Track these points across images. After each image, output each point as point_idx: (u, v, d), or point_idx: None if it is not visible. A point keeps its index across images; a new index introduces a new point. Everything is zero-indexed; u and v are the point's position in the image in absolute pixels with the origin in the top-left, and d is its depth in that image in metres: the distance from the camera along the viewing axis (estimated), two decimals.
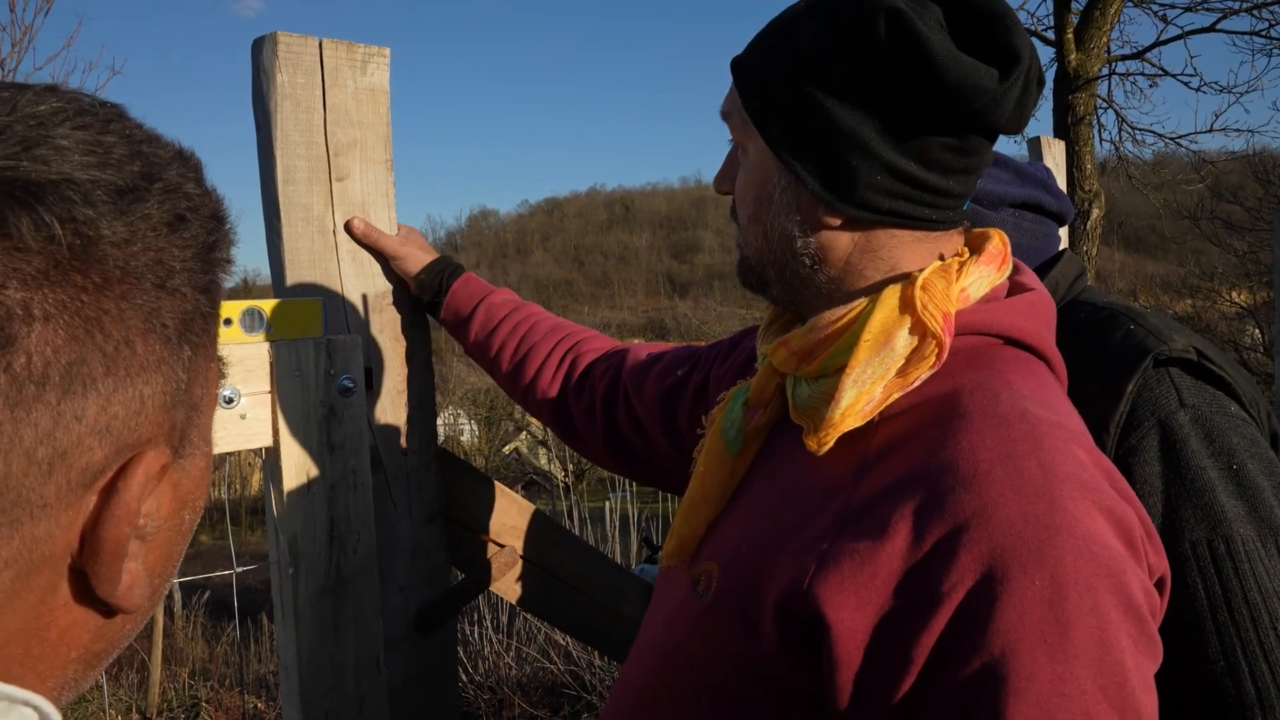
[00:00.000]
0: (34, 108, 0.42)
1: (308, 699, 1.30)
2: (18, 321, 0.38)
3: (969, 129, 0.84)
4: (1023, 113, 0.84)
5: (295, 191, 1.37)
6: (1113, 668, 0.68)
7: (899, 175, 0.84)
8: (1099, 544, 0.71)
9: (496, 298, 1.49)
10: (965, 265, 0.87)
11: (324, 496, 1.32)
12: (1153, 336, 1.29)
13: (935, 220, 0.88)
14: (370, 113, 1.44)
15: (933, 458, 0.76)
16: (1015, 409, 0.78)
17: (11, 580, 0.41)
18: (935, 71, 0.79)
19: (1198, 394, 1.25)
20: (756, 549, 0.85)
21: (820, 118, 0.85)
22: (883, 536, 0.74)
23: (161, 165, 0.46)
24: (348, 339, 1.35)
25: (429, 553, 1.51)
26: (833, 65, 0.84)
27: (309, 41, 1.37)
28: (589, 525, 6.29)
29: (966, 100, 0.80)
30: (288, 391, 1.28)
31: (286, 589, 1.30)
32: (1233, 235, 11.61)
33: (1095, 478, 0.75)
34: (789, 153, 0.87)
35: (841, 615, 0.73)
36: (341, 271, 1.42)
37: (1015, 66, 0.81)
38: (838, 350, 0.84)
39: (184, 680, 6.29)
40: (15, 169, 0.40)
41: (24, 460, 0.39)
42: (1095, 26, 7.37)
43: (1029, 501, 0.71)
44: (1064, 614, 0.68)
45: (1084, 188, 7.01)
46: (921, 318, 0.81)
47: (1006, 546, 0.69)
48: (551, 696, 4.60)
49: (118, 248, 0.42)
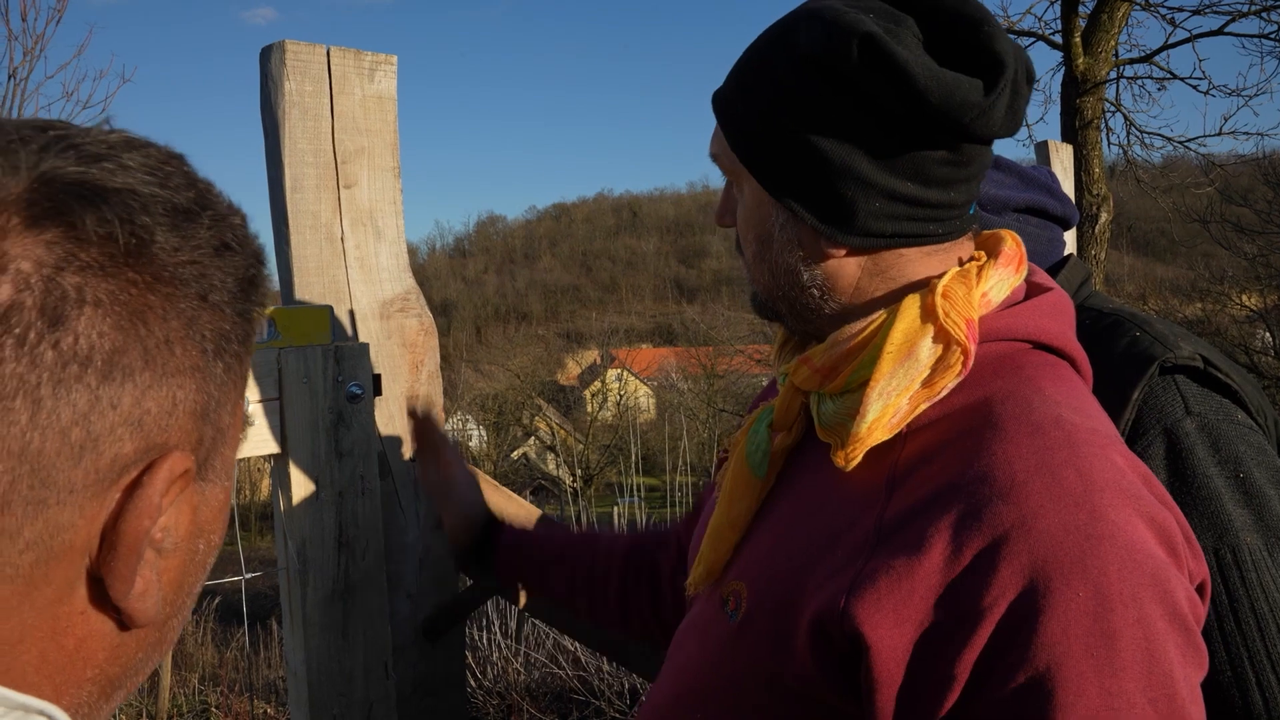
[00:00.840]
0: (105, 135, 0.47)
1: (317, 705, 1.31)
2: (70, 303, 0.41)
3: (961, 140, 0.82)
4: (1015, 117, 0.82)
5: (303, 199, 1.37)
6: (1161, 679, 0.67)
7: (898, 198, 0.82)
8: (1142, 552, 0.69)
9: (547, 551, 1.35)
10: (984, 269, 0.85)
11: (332, 503, 1.32)
12: (1158, 344, 1.28)
13: (942, 234, 0.86)
14: (378, 120, 1.45)
15: (967, 469, 0.74)
16: (1049, 415, 0.76)
17: (31, 565, 0.42)
18: (918, 94, 0.77)
19: (1204, 402, 1.24)
20: (786, 568, 0.83)
21: (809, 153, 0.83)
22: (919, 552, 0.72)
23: (213, 199, 0.49)
24: (356, 346, 1.35)
25: (437, 559, 1.51)
26: (813, 98, 0.82)
27: (317, 50, 1.38)
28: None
29: (954, 118, 0.78)
30: (296, 398, 1.29)
31: (295, 595, 1.31)
32: (1242, 238, 11.56)
33: (1134, 484, 0.74)
34: (783, 191, 0.86)
35: (880, 634, 0.72)
36: (349, 278, 1.42)
37: (1000, 75, 0.78)
38: (861, 364, 0.82)
39: (194, 685, 6.30)
40: (85, 174, 0.44)
41: (58, 439, 0.41)
42: (1103, 30, 7.37)
43: (1069, 511, 0.70)
44: (1110, 625, 0.67)
45: (1092, 191, 7.00)
46: (944, 326, 0.80)
47: (1048, 558, 0.68)
48: (560, 702, 4.60)
49: (168, 254, 0.45)
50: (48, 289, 0.41)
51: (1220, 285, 14.24)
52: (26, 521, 0.41)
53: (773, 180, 0.86)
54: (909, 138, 0.80)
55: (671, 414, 25.29)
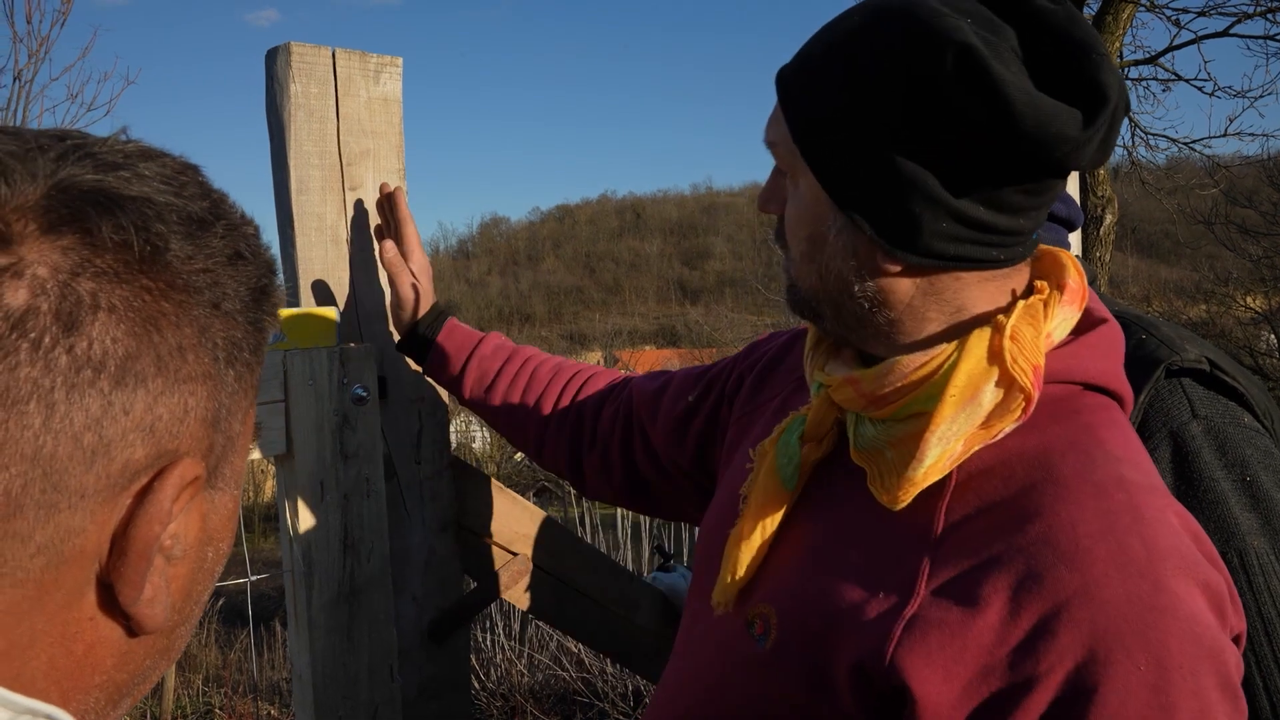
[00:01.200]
0: (121, 145, 0.47)
1: (322, 707, 1.31)
2: (85, 309, 0.41)
3: (1046, 174, 0.76)
4: (1106, 151, 0.76)
5: (309, 201, 1.37)
6: None
7: (966, 221, 0.77)
8: (1201, 625, 0.69)
9: (486, 348, 1.41)
10: (1049, 306, 0.80)
11: (337, 505, 1.32)
12: (1164, 346, 1.27)
13: (1004, 260, 0.81)
14: (383, 122, 1.45)
15: (1029, 527, 0.73)
16: (1112, 475, 0.75)
17: (41, 570, 0.42)
18: (1011, 119, 0.70)
19: (1210, 405, 1.24)
20: (822, 599, 0.81)
21: (879, 162, 0.76)
22: (975, 609, 0.71)
23: (227, 209, 0.50)
24: (361, 348, 1.35)
25: (442, 561, 1.51)
26: (894, 103, 0.75)
27: (322, 51, 1.38)
28: (600, 532, 6.28)
29: (1047, 150, 0.72)
30: (301, 400, 1.29)
31: (300, 597, 1.31)
32: (1247, 240, 11.54)
33: (1191, 550, 0.73)
34: (845, 197, 0.80)
35: (928, 690, 0.71)
36: (355, 280, 1.42)
37: (1103, 109, 0.72)
38: (916, 399, 0.78)
39: (198, 687, 6.30)
40: (102, 182, 0.44)
41: (71, 443, 0.41)
42: (1108, 31, 7.35)
43: (1133, 581, 0.69)
44: (1169, 699, 0.66)
45: (1097, 193, 6.99)
46: (1011, 372, 0.75)
47: (1110, 628, 0.67)
48: (564, 704, 4.60)
49: (182, 262, 0.46)
50: (63, 294, 0.41)
51: (1225, 287, 14.21)
52: (38, 526, 0.41)
53: (836, 184, 0.80)
54: (992, 165, 0.74)
55: None
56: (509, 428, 1.42)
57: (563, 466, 1.39)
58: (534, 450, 1.42)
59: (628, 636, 1.80)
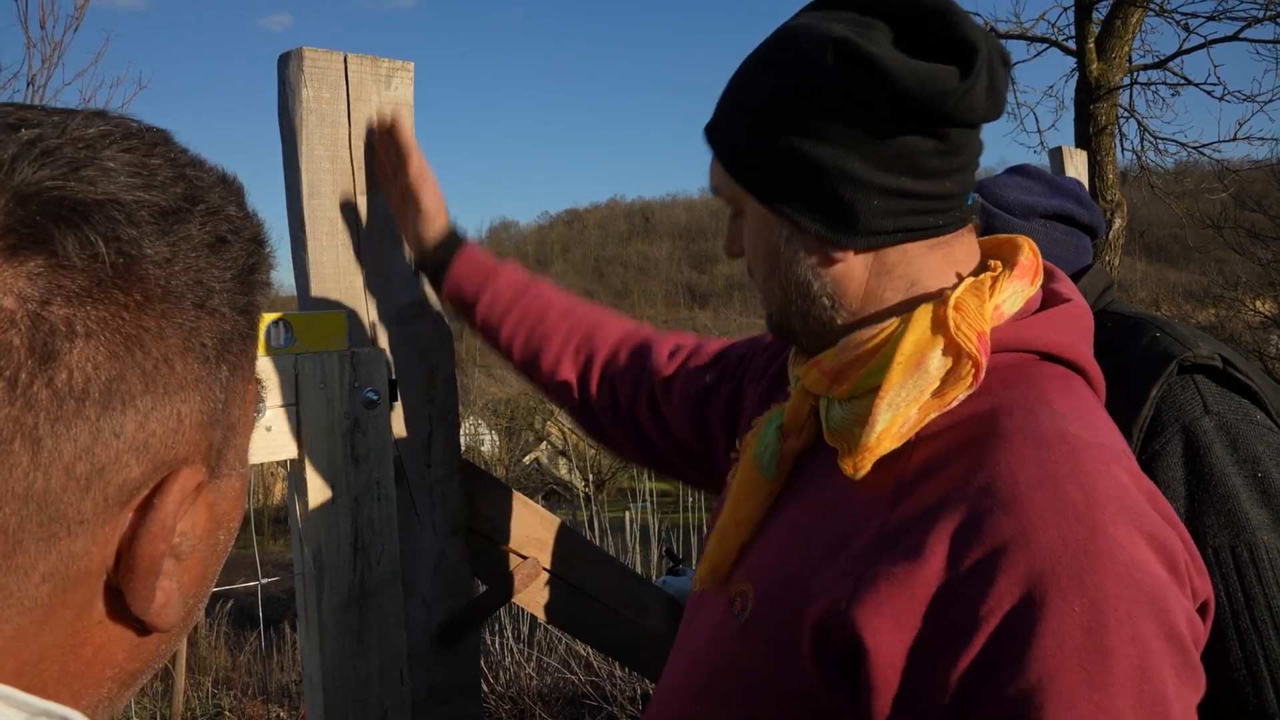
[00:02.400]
0: (83, 130, 0.43)
1: (332, 710, 1.31)
2: (60, 337, 0.39)
3: (946, 128, 0.82)
4: (997, 99, 0.83)
5: (320, 205, 1.38)
6: (1154, 699, 0.67)
7: (894, 193, 0.83)
8: (1141, 570, 0.69)
9: (502, 280, 1.39)
10: (998, 281, 0.85)
11: (348, 508, 1.33)
12: (1178, 343, 1.28)
13: (943, 225, 0.87)
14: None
15: (970, 479, 0.75)
16: (1055, 429, 0.76)
17: (49, 595, 0.41)
18: (894, 86, 0.78)
19: (1222, 401, 1.25)
20: (792, 570, 0.84)
21: (802, 161, 0.84)
22: (920, 559, 0.73)
23: (204, 188, 0.46)
24: (372, 351, 1.36)
25: (452, 564, 1.51)
26: (798, 107, 0.83)
27: (334, 56, 1.39)
28: (609, 535, 6.28)
29: (935, 105, 0.79)
30: (312, 404, 1.29)
31: (311, 600, 1.31)
32: (1257, 244, 11.48)
33: (1138, 501, 0.74)
34: (783, 203, 0.87)
35: (879, 640, 0.72)
36: (366, 285, 1.43)
37: (975, 57, 0.79)
38: (870, 371, 0.83)
39: (208, 689, 6.31)
40: (63, 188, 0.41)
41: (63, 475, 0.40)
42: (1116, 36, 7.33)
43: (1069, 525, 0.70)
44: (1104, 642, 0.67)
45: (1106, 197, 6.97)
46: (955, 339, 0.80)
47: (1045, 571, 0.68)
48: (572, 707, 4.60)
49: (159, 267, 0.43)
50: (35, 325, 0.38)
51: (1234, 291, 14.14)
52: (40, 557, 0.40)
53: (772, 196, 0.88)
54: (895, 132, 0.82)
55: None
56: (518, 366, 1.41)
57: (571, 408, 1.39)
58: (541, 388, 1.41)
59: (637, 640, 1.80)
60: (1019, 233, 1.46)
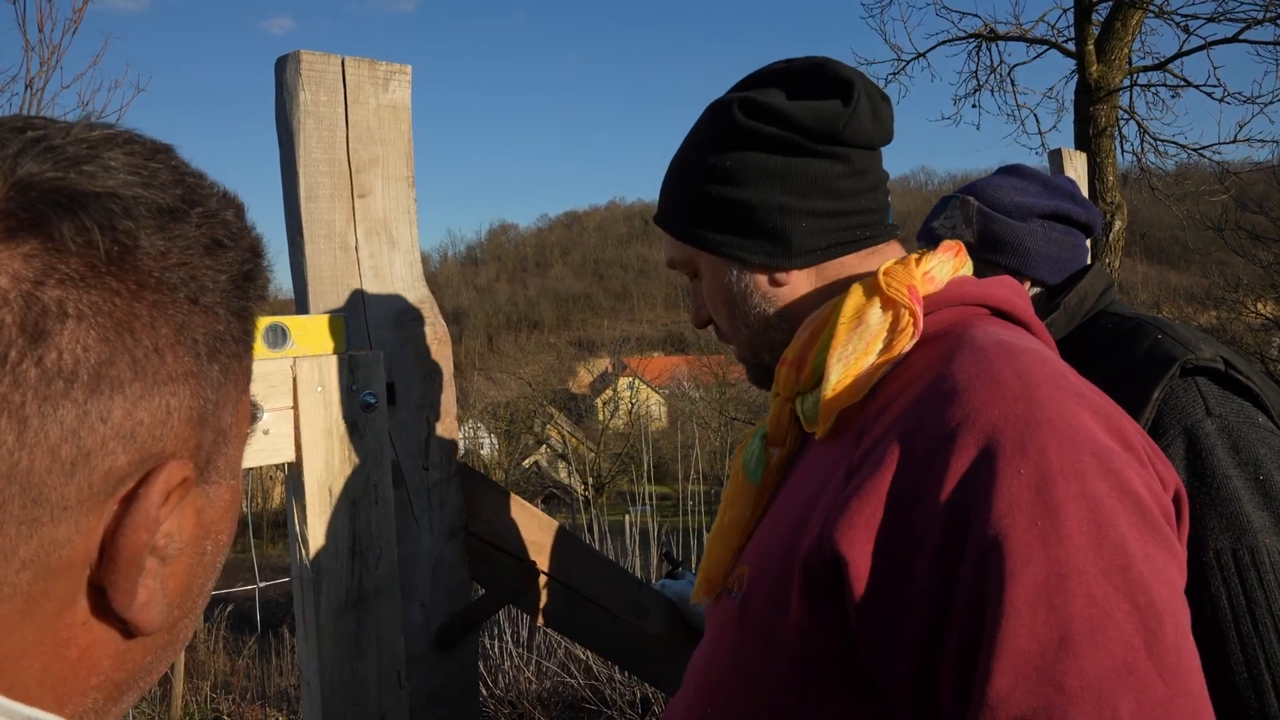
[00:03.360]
0: (86, 133, 0.45)
1: (330, 714, 1.31)
2: (52, 318, 0.40)
3: (846, 151, 0.95)
4: (882, 124, 0.97)
5: (318, 208, 1.38)
6: (1112, 551, 0.69)
7: (819, 214, 0.96)
8: (1084, 434, 0.73)
9: None
10: (923, 258, 0.94)
11: (346, 512, 1.32)
12: (1180, 345, 1.28)
13: (870, 237, 0.98)
14: (392, 130, 1.45)
15: (920, 395, 0.80)
16: (990, 339, 0.83)
17: (29, 583, 0.41)
18: (793, 121, 0.94)
19: (1225, 404, 1.24)
20: (779, 535, 0.88)
21: (734, 204, 0.97)
22: (880, 467, 0.77)
23: (203, 195, 0.47)
24: (370, 354, 1.35)
25: (450, 568, 1.51)
26: (720, 160, 0.98)
27: (331, 60, 1.38)
28: (609, 539, 6.28)
29: (828, 130, 0.93)
30: (310, 407, 1.29)
31: (309, 604, 1.31)
32: (1257, 246, 11.49)
33: (1079, 383, 0.79)
34: (726, 245, 0.99)
35: (855, 550, 0.76)
36: (364, 287, 1.42)
37: (851, 90, 0.94)
38: (822, 344, 0.91)
39: (205, 693, 6.30)
40: (63, 179, 0.42)
41: (48, 457, 0.40)
42: (1116, 38, 7.34)
43: (1009, 403, 0.74)
44: (1052, 498, 0.69)
45: (1106, 199, 6.97)
46: (888, 294, 0.88)
47: (990, 445, 0.72)
48: (572, 711, 4.59)
49: (154, 259, 0.43)
50: (27, 305, 0.39)
51: (1235, 293, 14.15)
52: (21, 541, 0.40)
53: (716, 244, 1.00)
54: (804, 161, 0.95)
55: (683, 422, 25.24)
56: None
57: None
58: None
59: (637, 643, 1.79)
60: (1017, 234, 1.46)
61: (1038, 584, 0.67)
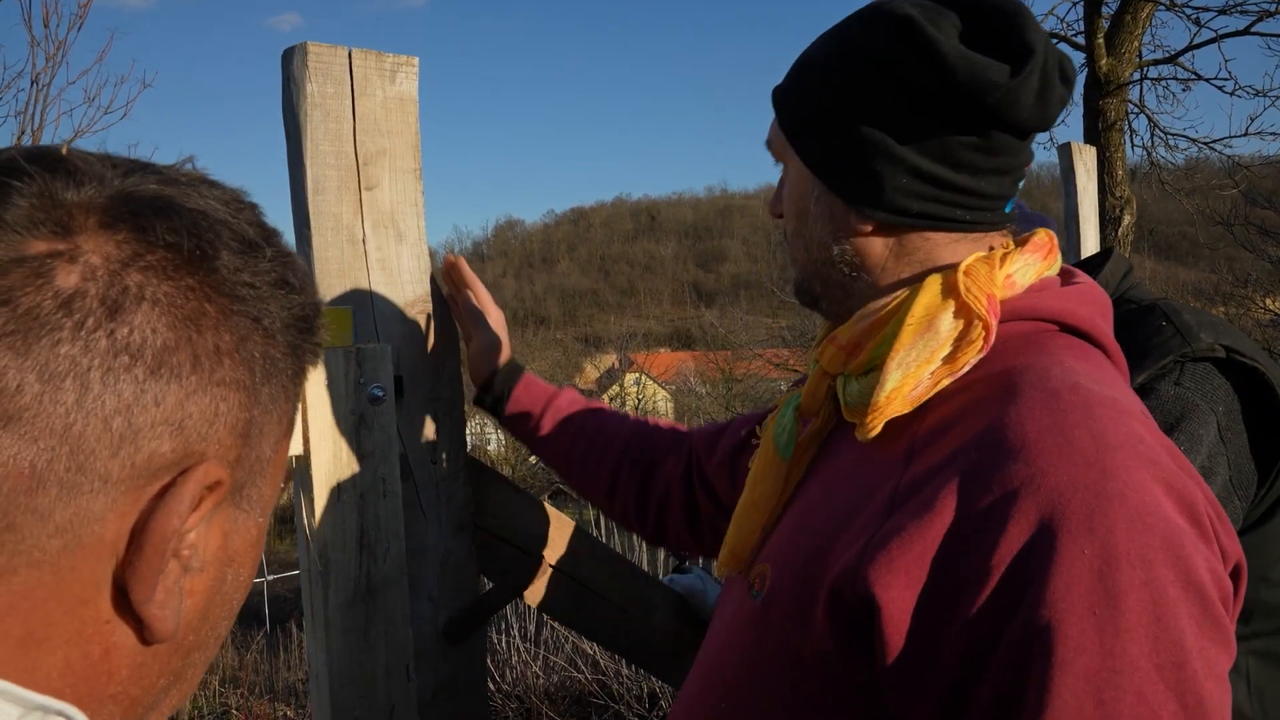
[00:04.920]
0: (187, 172, 0.51)
1: (338, 707, 1.30)
2: (130, 297, 0.43)
3: (990, 126, 0.84)
4: (1045, 108, 0.84)
5: (325, 201, 1.37)
6: (1169, 646, 0.65)
7: (925, 178, 0.86)
8: (1155, 515, 0.68)
9: (562, 400, 1.48)
10: (1009, 255, 0.86)
11: (354, 505, 1.32)
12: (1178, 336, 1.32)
13: (970, 221, 0.88)
14: (399, 122, 1.45)
15: (981, 434, 0.75)
16: (1066, 382, 0.76)
17: (58, 552, 0.42)
18: (945, 71, 0.81)
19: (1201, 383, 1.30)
20: (808, 543, 0.84)
21: (844, 128, 0.88)
22: (930, 513, 0.72)
23: (279, 240, 0.52)
24: (377, 348, 1.35)
25: (459, 562, 1.50)
26: (852, 76, 0.87)
27: (338, 51, 1.38)
28: (616, 534, 6.28)
29: (980, 97, 0.81)
30: (318, 400, 1.29)
31: (317, 597, 1.30)
32: (1267, 241, 11.44)
33: (1154, 450, 0.72)
34: (819, 164, 0.91)
35: (891, 595, 0.72)
36: (371, 280, 1.42)
37: (1028, 60, 0.81)
38: (883, 339, 0.84)
39: (214, 688, 6.32)
40: (163, 192, 0.47)
41: (100, 425, 0.42)
42: (1126, 31, 7.31)
43: (1079, 469, 0.69)
44: (1115, 585, 0.65)
45: (1115, 194, 6.94)
46: (965, 300, 0.81)
47: (1055, 515, 0.67)
48: (579, 706, 4.59)
49: (230, 272, 0.48)
50: (111, 282, 0.43)
51: (1244, 289, 14.09)
52: (59, 504, 0.42)
53: (811, 155, 0.91)
54: (938, 118, 0.84)
55: (690, 418, 25.26)
56: (580, 477, 1.46)
57: (630, 514, 1.43)
58: (604, 500, 1.46)
59: (645, 638, 1.79)
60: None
61: (1089, 675, 0.64)
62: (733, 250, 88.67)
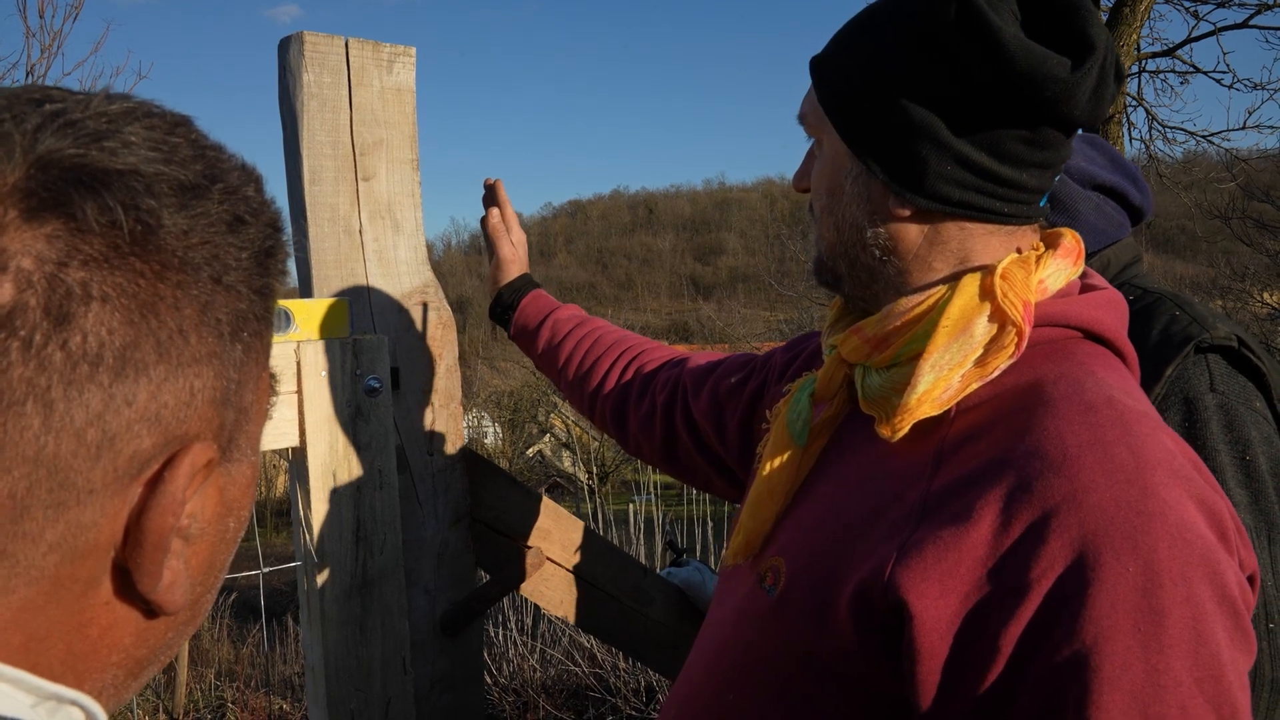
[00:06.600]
0: (105, 106, 0.44)
1: (334, 700, 1.30)
2: (76, 300, 0.39)
3: (1041, 120, 0.82)
4: (1099, 105, 0.82)
5: (321, 191, 1.36)
6: (1208, 661, 0.66)
7: (969, 166, 0.83)
8: (1193, 532, 0.69)
9: (563, 313, 1.51)
10: (1043, 258, 0.85)
11: (350, 497, 1.32)
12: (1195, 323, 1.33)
13: (1008, 214, 0.86)
14: (396, 112, 1.44)
15: (1019, 443, 0.75)
16: (1102, 395, 0.76)
17: (56, 566, 0.41)
18: (1004, 60, 0.78)
19: (1229, 381, 1.30)
20: (828, 542, 0.83)
21: (890, 108, 0.84)
22: (968, 523, 0.72)
23: (224, 169, 0.47)
24: (374, 339, 1.34)
25: (455, 554, 1.50)
26: (903, 56, 0.83)
27: (335, 41, 1.37)
28: (613, 528, 6.28)
29: (1037, 89, 0.78)
30: (314, 391, 1.28)
31: (313, 590, 1.30)
32: (1265, 235, 11.44)
33: (1185, 466, 0.73)
34: (860, 143, 0.87)
35: (925, 604, 0.72)
36: (368, 271, 1.41)
37: (1089, 56, 0.79)
38: (914, 337, 0.83)
39: (210, 681, 6.32)
40: (85, 157, 0.41)
41: (74, 441, 0.40)
42: (1125, 23, 7.29)
43: (1121, 487, 0.69)
44: (1158, 603, 0.66)
45: None
46: (1001, 306, 0.80)
47: (1099, 532, 0.68)
48: (576, 699, 4.60)
49: (177, 239, 0.43)
50: (51, 287, 0.39)
51: (1242, 283, 14.09)
52: (48, 525, 0.40)
53: (852, 133, 0.87)
54: (990, 107, 0.81)
55: None
56: (571, 384, 1.48)
57: (609, 416, 1.44)
58: (588, 404, 1.47)
59: (642, 631, 1.78)
60: (1074, 197, 1.47)
61: (1135, 691, 0.65)
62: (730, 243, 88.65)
